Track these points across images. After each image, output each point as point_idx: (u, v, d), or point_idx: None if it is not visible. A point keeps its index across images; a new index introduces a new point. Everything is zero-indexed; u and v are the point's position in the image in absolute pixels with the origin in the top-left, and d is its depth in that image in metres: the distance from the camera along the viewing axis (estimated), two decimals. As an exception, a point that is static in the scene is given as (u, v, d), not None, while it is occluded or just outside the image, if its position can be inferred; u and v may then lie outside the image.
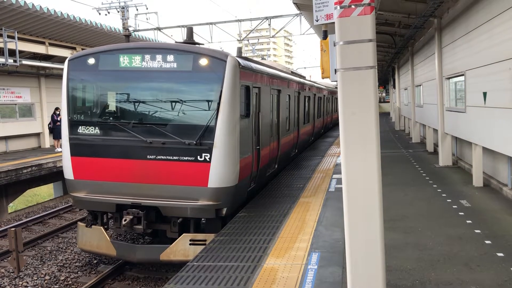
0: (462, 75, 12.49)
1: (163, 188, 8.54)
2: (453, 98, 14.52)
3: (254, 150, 9.93)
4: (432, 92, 16.81)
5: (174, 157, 8.47)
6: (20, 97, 22.18)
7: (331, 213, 9.01)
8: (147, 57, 8.72)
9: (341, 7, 4.14)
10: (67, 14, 20.80)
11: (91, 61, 9.08)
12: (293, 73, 18.58)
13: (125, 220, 8.46)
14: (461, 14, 12.47)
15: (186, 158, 8.41)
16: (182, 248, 8.44)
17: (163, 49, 8.81)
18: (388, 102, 56.03)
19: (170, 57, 8.63)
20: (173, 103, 8.74)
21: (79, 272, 9.87)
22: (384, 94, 62.32)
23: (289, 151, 15.20)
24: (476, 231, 7.67)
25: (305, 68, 75.12)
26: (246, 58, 10.29)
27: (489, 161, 11.67)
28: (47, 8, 19.46)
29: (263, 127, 10.82)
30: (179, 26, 27.67)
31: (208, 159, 8.29)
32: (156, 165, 8.58)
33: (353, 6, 4.12)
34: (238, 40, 30.86)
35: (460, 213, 8.82)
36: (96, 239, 9.16)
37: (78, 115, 9.15)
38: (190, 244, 8.42)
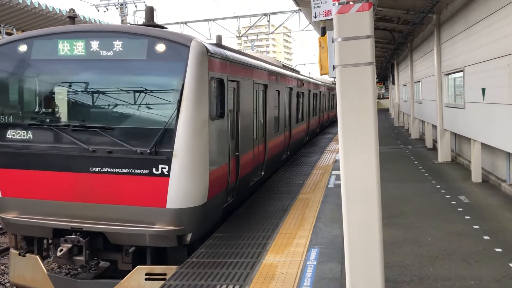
0: (461, 71, 12.51)
1: (110, 209, 6.83)
2: (452, 94, 14.54)
3: (231, 157, 8.23)
4: (431, 88, 16.82)
5: (124, 170, 6.75)
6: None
7: (330, 210, 9.03)
8: (93, 43, 6.96)
9: (339, 4, 4.15)
10: (66, 10, 20.81)
11: (23, 48, 7.28)
12: (285, 67, 16.95)
13: (61, 250, 6.73)
14: (460, 10, 12.47)
15: (138, 171, 6.69)
16: (136, 284, 6.75)
17: (112, 32, 7.10)
18: (387, 98, 56.04)
19: (120, 43, 6.89)
20: (123, 101, 7.09)
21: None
22: (383, 90, 62.35)
23: (279, 154, 13.59)
24: (475, 226, 7.70)
25: (304, 64, 75.10)
26: (220, 46, 8.55)
27: (487, 157, 11.69)
28: (46, 5, 19.43)
29: (243, 129, 9.15)
30: (177, 23, 27.64)
31: (166, 172, 6.58)
32: (101, 180, 6.84)
33: (351, 3, 4.13)
34: (237, 36, 30.85)
35: (458, 209, 8.85)
36: (30, 271, 7.39)
37: (5, 116, 7.34)
38: (146, 279, 6.75)
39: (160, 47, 6.79)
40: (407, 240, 7.15)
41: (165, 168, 6.61)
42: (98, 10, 26.84)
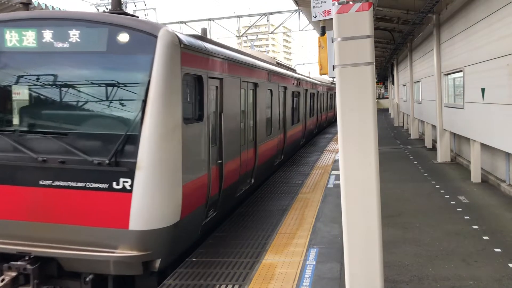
0: (461, 71, 12.51)
1: (63, 230, 5.73)
2: (452, 94, 14.54)
3: (212, 166, 7.21)
4: (431, 88, 16.83)
5: (79, 184, 5.67)
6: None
7: (329, 209, 9.02)
8: (46, 32, 5.90)
9: (339, 3, 4.15)
10: (66, 9, 20.71)
11: None
12: (279, 65, 15.71)
13: (2, 280, 5.63)
14: (459, 10, 12.47)
15: (96, 185, 5.63)
16: None
17: (67, 20, 5.97)
18: (387, 98, 56.06)
19: (77, 32, 5.83)
20: (79, 102, 6.06)
21: None
22: (383, 90, 62.35)
23: (271, 159, 12.52)
24: (474, 227, 7.70)
25: (304, 64, 75.07)
26: (201, 38, 7.50)
27: (487, 157, 11.69)
28: (45, 5, 19.39)
29: (228, 133, 8.10)
30: (177, 22, 27.64)
31: (128, 187, 5.54)
32: (52, 195, 5.75)
33: (351, 2, 4.13)
34: (236, 36, 30.84)
35: (458, 209, 8.85)
36: None
37: None
38: None
39: (123, 37, 5.74)
40: (407, 240, 7.15)
41: (127, 182, 5.56)
42: (98, 10, 26.86)
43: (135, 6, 27.32)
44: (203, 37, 7.75)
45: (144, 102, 5.61)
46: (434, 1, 13.16)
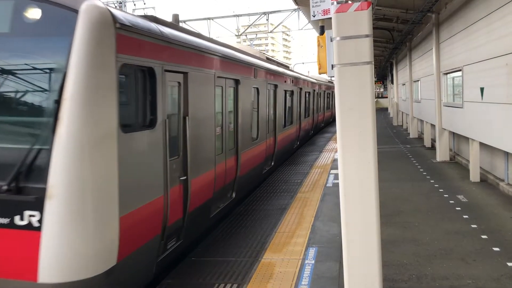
0: (460, 70, 12.51)
1: None
2: (451, 94, 14.55)
3: (171, 185, 5.74)
4: (430, 88, 16.84)
5: None
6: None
7: (328, 208, 9.03)
8: None
9: (337, 3, 4.16)
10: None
11: None
12: (269, 60, 14.33)
13: None
14: (459, 9, 12.47)
15: None
16: None
17: None
18: (386, 97, 56.08)
19: None
20: None
21: None
22: (382, 90, 62.35)
23: (259, 167, 11.03)
24: (473, 226, 7.70)
25: (303, 63, 75.05)
26: (155, 20, 5.92)
27: (486, 156, 11.70)
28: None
29: (197, 142, 6.66)
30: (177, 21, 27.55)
31: (36, 223, 4.00)
32: None
33: (349, 2, 4.13)
34: (236, 35, 30.83)
35: (457, 208, 8.86)
36: None
37: None
38: None
39: (33, 13, 4.28)
40: (405, 239, 7.15)
41: (34, 216, 4.00)
42: None
43: (134, 5, 27.27)
44: (158, 18, 6.05)
45: (58, 102, 4.06)
46: (433, 0, 13.17)
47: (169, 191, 5.68)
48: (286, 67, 17.64)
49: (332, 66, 4.34)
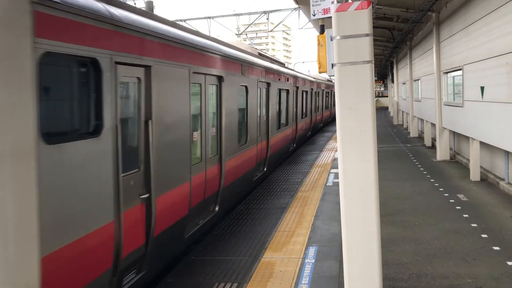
0: (460, 69, 12.51)
1: None
2: (451, 93, 14.55)
3: (125, 208, 4.70)
4: (430, 87, 16.84)
5: None
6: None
7: (328, 208, 9.03)
8: None
9: (338, 2, 4.16)
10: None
11: None
12: (261, 56, 13.10)
13: None
14: (459, 8, 12.47)
15: None
16: None
17: None
18: (387, 96, 56.05)
19: None
20: None
21: None
22: (382, 89, 62.35)
23: (248, 174, 9.94)
24: (473, 225, 7.70)
25: (303, 62, 75.14)
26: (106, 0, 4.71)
27: (486, 155, 11.70)
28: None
29: (164, 151, 5.55)
30: (177, 20, 27.58)
31: None
32: None
33: (350, 1, 4.13)
34: (236, 34, 30.82)
35: (457, 207, 8.86)
36: None
37: None
38: None
39: None
40: (405, 238, 7.16)
41: None
42: (97, 8, 26.81)
43: (135, 4, 27.28)
44: (119, 1, 5.05)
45: None
46: (433, -1, 13.17)
47: (122, 214, 4.60)
48: (282, 64, 16.47)
49: (332, 65, 4.34)
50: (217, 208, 7.80)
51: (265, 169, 11.80)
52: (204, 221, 7.17)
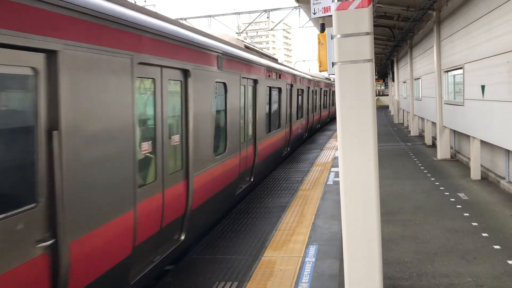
0: (461, 68, 12.49)
1: None
2: (452, 91, 14.53)
3: (13, 266, 3.18)
4: (431, 85, 16.82)
5: None
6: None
7: (329, 206, 9.03)
8: None
9: (338, 0, 4.14)
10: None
11: None
12: (248, 49, 11.25)
13: None
14: (460, 7, 12.45)
15: None
16: None
17: None
18: (387, 95, 56.01)
19: None
20: None
21: None
22: (383, 87, 62.34)
23: (229, 188, 8.44)
24: (474, 224, 7.70)
25: (304, 61, 75.10)
26: None
27: (487, 154, 11.69)
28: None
29: (85, 171, 3.93)
30: (177, 19, 27.57)
31: None
32: None
33: (350, -1, 4.12)
34: (237, 33, 30.80)
35: (457, 206, 8.85)
36: None
37: None
38: None
39: None
40: (406, 237, 7.15)
41: None
42: None
43: (135, 2, 27.30)
44: None
45: None
46: (434, -2, 13.15)
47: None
48: (274, 59, 14.77)
49: (333, 64, 4.33)
50: (183, 237, 6.22)
51: (251, 179, 10.27)
52: (162, 256, 5.61)
